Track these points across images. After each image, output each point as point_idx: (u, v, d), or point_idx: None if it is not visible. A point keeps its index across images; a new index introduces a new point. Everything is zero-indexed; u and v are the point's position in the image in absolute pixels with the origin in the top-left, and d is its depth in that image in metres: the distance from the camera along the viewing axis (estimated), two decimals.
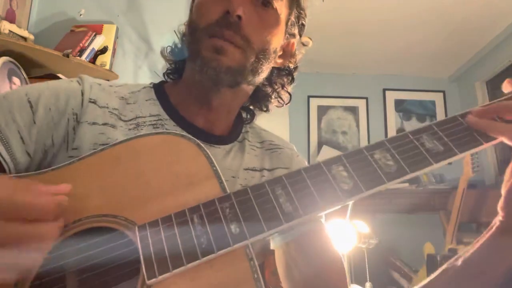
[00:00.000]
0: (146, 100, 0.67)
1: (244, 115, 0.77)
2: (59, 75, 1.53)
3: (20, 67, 1.37)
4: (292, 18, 0.69)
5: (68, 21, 1.80)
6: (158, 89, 0.70)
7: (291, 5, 0.68)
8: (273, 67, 0.71)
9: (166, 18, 2.26)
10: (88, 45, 1.70)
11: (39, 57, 1.45)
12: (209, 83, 0.62)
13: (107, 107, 0.62)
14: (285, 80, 0.75)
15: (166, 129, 0.64)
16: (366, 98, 3.89)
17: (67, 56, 1.49)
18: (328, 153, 3.51)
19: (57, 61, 1.51)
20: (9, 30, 1.38)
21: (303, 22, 0.73)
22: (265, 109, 0.76)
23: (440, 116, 3.81)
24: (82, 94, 0.61)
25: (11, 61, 1.33)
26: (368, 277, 1.83)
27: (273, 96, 0.75)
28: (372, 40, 3.36)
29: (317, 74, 3.99)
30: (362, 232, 1.80)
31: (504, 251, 0.45)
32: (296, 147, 0.79)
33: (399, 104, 3.87)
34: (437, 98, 3.86)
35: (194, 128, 0.65)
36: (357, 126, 3.82)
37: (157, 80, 0.76)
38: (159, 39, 2.18)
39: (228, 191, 0.44)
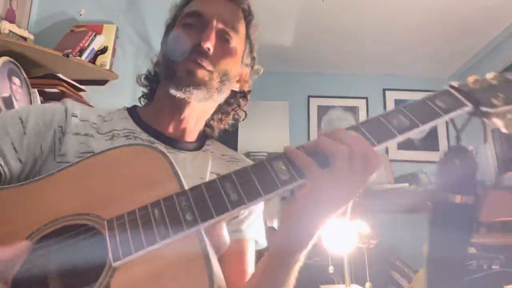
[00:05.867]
0: (121, 118, 0.79)
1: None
2: (59, 75, 1.53)
3: (20, 67, 1.37)
4: (246, 51, 0.85)
5: (68, 21, 1.80)
6: (131, 110, 0.83)
7: (245, 42, 0.84)
8: (231, 90, 0.85)
9: (166, 18, 2.26)
10: (88, 45, 1.69)
11: (39, 57, 1.45)
12: (182, 97, 0.74)
13: (88, 121, 0.75)
14: (241, 101, 0.89)
15: (140, 139, 0.75)
16: (366, 98, 3.89)
17: (67, 56, 1.49)
18: None
19: (57, 61, 1.50)
20: (9, 30, 1.38)
21: (254, 55, 0.89)
22: (225, 124, 0.91)
23: None
24: (66, 110, 0.74)
25: (11, 61, 1.33)
26: (368, 277, 1.83)
27: (231, 114, 0.89)
28: (372, 40, 3.36)
29: (317, 74, 3.98)
30: (362, 232, 1.80)
31: (288, 246, 0.55)
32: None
33: (399, 104, 3.85)
34: None
35: (165, 137, 0.78)
36: None
37: None
38: (159, 39, 2.18)
39: (186, 188, 0.51)
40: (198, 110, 0.80)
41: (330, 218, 0.52)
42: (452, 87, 0.62)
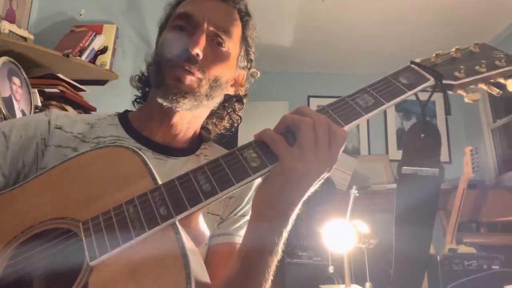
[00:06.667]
0: (110, 125, 0.77)
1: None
2: (59, 75, 1.53)
3: (20, 67, 1.37)
4: (242, 54, 0.82)
5: (68, 21, 1.80)
6: (122, 116, 0.81)
7: (241, 44, 0.81)
8: (226, 94, 0.82)
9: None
10: (88, 45, 1.69)
11: (39, 57, 1.45)
12: (169, 105, 0.72)
13: (72, 133, 0.73)
14: (236, 105, 0.87)
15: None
16: None
17: (67, 56, 1.49)
18: None
19: (57, 61, 1.51)
20: (9, 30, 1.38)
21: (251, 57, 0.86)
22: (220, 128, 0.88)
23: (440, 116, 3.81)
24: (49, 122, 0.73)
25: (11, 61, 1.33)
26: (368, 277, 1.83)
27: (226, 118, 0.87)
28: (372, 40, 3.36)
29: (317, 74, 3.98)
30: (362, 232, 1.80)
31: (260, 234, 0.53)
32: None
33: (399, 104, 3.86)
34: (437, 98, 3.85)
35: (153, 143, 0.76)
36: (357, 126, 3.82)
37: None
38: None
39: (160, 183, 0.51)
40: (189, 116, 0.78)
41: (302, 198, 0.51)
42: (414, 63, 0.62)
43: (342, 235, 1.79)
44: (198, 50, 0.70)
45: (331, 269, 1.87)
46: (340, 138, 0.51)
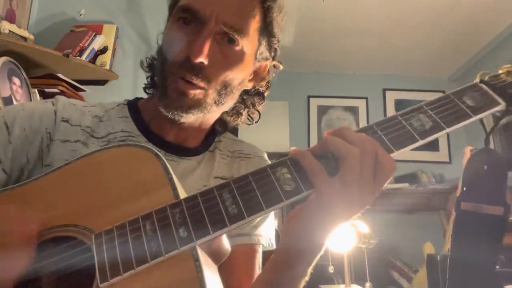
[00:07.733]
0: (119, 117, 0.71)
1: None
2: (59, 75, 1.53)
3: (20, 67, 1.37)
4: (262, 47, 0.72)
5: (68, 21, 1.80)
6: (132, 106, 0.74)
7: (260, 38, 0.70)
8: (244, 90, 0.74)
9: (166, 18, 2.26)
10: (88, 45, 1.69)
11: (39, 57, 1.45)
12: (172, 117, 0.66)
13: (80, 125, 0.67)
14: (256, 100, 0.78)
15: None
16: (366, 98, 3.89)
17: (67, 56, 1.49)
18: None
19: (57, 61, 1.51)
20: (9, 30, 1.38)
21: (275, 47, 0.76)
22: (236, 123, 0.80)
23: None
24: (55, 113, 0.66)
25: (11, 61, 1.33)
26: (368, 277, 1.83)
27: (244, 113, 0.79)
28: (372, 40, 3.36)
29: (317, 74, 3.98)
30: (362, 232, 1.80)
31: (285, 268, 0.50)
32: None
33: (399, 104, 3.87)
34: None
35: (165, 143, 0.70)
36: (357, 126, 3.81)
37: None
38: (159, 39, 2.18)
39: (181, 197, 0.47)
40: (199, 120, 0.71)
41: (338, 228, 0.47)
42: (483, 81, 0.53)
43: (342, 235, 1.79)
44: (202, 59, 0.60)
45: (331, 269, 1.87)
46: (387, 170, 0.45)
